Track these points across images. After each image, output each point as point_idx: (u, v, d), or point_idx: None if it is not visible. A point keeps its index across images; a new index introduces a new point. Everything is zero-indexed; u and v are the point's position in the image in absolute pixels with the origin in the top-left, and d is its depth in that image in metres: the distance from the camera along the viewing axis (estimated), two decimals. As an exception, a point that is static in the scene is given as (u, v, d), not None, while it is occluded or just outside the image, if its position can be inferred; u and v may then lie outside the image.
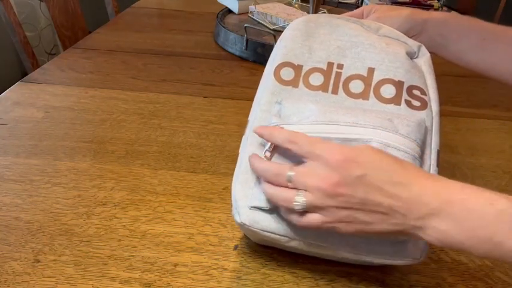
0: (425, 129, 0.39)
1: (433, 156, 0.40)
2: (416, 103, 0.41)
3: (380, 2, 1.23)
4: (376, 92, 0.41)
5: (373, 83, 0.42)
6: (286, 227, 0.38)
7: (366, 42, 0.43)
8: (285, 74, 0.43)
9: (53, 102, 0.71)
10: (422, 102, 0.41)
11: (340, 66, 0.43)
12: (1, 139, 0.61)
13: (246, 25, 0.92)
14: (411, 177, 0.32)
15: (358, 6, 1.27)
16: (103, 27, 1.10)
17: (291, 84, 0.42)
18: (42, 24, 1.78)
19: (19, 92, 0.74)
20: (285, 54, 0.44)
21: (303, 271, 0.43)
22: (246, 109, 0.74)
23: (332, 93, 0.42)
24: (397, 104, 0.41)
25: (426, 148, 0.40)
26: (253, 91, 0.46)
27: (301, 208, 0.34)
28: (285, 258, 0.44)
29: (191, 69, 0.88)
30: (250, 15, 1.12)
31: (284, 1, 1.20)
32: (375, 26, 0.46)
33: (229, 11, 1.17)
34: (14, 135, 0.62)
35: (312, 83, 0.42)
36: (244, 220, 0.38)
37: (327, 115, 0.38)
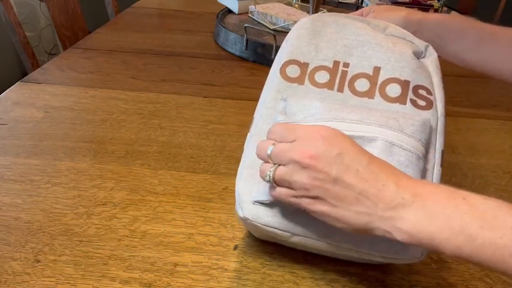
0: (430, 129, 0.39)
1: (437, 156, 0.40)
2: (421, 103, 0.41)
3: (380, 2, 1.23)
4: (381, 91, 0.41)
5: (379, 81, 0.42)
6: (288, 223, 0.38)
7: (372, 41, 0.43)
8: (290, 71, 0.43)
9: (53, 102, 0.71)
10: (428, 102, 0.41)
11: (346, 65, 0.43)
12: (1, 139, 0.61)
13: (246, 25, 0.92)
14: (386, 169, 0.33)
15: (358, 6, 1.27)
16: (103, 27, 1.10)
17: (296, 81, 0.42)
18: (42, 24, 1.78)
19: (19, 92, 0.74)
20: (291, 52, 0.44)
21: (303, 271, 0.43)
22: (246, 109, 0.74)
23: (338, 91, 0.42)
24: (403, 103, 0.41)
25: (430, 148, 0.40)
26: (253, 91, 0.46)
27: (268, 179, 0.35)
28: (285, 258, 0.44)
29: (191, 69, 0.88)
30: (250, 15, 1.12)
31: (284, 1, 1.20)
32: (382, 25, 0.46)
33: (229, 11, 1.17)
34: (14, 135, 0.62)
35: (318, 80, 0.42)
36: (247, 215, 0.38)
37: (332, 112, 0.38)
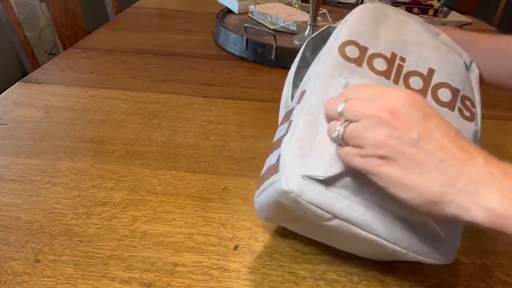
0: (478, 142, 0.40)
1: None
2: (467, 113, 0.41)
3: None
4: (433, 93, 0.41)
5: (432, 83, 0.41)
6: (334, 204, 0.36)
7: (429, 44, 0.43)
8: (349, 51, 0.41)
9: (53, 102, 0.71)
10: (472, 114, 0.41)
11: (402, 60, 0.42)
12: (1, 139, 0.61)
13: (246, 25, 0.92)
14: (473, 145, 0.30)
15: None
16: (103, 27, 1.10)
17: (355, 62, 0.41)
18: (42, 24, 1.78)
19: (19, 92, 0.74)
20: (350, 34, 0.42)
21: (303, 271, 0.43)
22: (246, 109, 0.74)
23: (393, 82, 0.41)
24: (451, 110, 0.40)
25: None
26: (253, 91, 0.46)
27: (337, 135, 0.32)
28: (285, 258, 0.44)
29: (191, 69, 0.88)
30: (250, 15, 1.12)
31: (284, 1, 1.20)
32: (435, 31, 0.46)
33: (229, 11, 1.17)
34: (14, 135, 0.62)
35: (376, 67, 0.41)
36: (293, 188, 0.35)
37: None
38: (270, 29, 1.04)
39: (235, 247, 0.45)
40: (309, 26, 0.96)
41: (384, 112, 0.30)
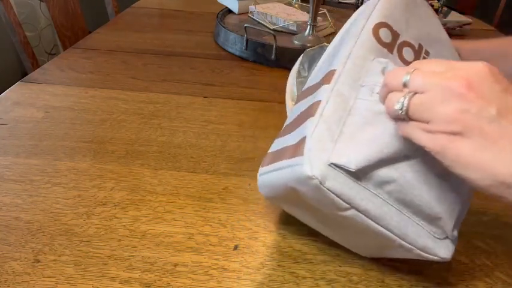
0: None
1: None
2: None
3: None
4: None
5: None
6: (355, 195, 0.34)
7: (447, 44, 0.43)
8: (383, 34, 0.39)
9: (53, 102, 0.71)
10: None
11: (427, 53, 0.41)
12: (1, 139, 0.61)
13: (246, 25, 0.92)
14: None
15: (358, 6, 1.27)
16: (103, 27, 1.10)
17: (387, 47, 0.39)
18: (42, 24, 1.78)
19: (19, 92, 0.74)
20: (385, 15, 0.40)
21: (303, 271, 0.43)
22: (246, 109, 0.74)
23: None
24: None
25: None
26: (253, 91, 0.46)
27: (400, 107, 0.29)
28: (285, 258, 0.44)
29: (191, 69, 0.88)
30: (250, 15, 1.12)
31: (284, 1, 1.20)
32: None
33: (229, 11, 1.17)
34: (14, 135, 0.62)
35: (405, 56, 0.40)
36: (317, 175, 0.33)
37: None
38: (270, 29, 1.04)
39: (235, 247, 0.45)
40: (309, 26, 0.96)
41: (460, 83, 0.26)
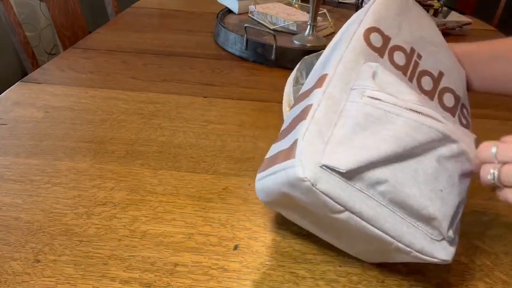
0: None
1: None
2: (464, 121, 0.42)
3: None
4: (440, 96, 0.41)
5: (440, 86, 0.41)
6: (348, 197, 0.34)
7: (443, 46, 0.43)
8: (374, 39, 0.40)
9: (53, 102, 0.71)
10: (468, 122, 0.42)
11: (419, 57, 0.41)
12: (1, 139, 0.61)
13: (246, 25, 0.92)
14: None
15: (358, 6, 1.27)
16: (103, 27, 1.10)
17: (377, 51, 0.40)
18: (42, 24, 1.78)
19: (19, 92, 0.74)
20: (376, 20, 0.41)
21: (303, 271, 0.43)
22: (246, 109, 0.74)
23: (409, 79, 0.40)
24: (453, 116, 0.41)
25: None
26: (253, 91, 0.46)
27: (491, 178, 0.33)
28: (285, 258, 0.44)
29: (191, 69, 0.88)
30: (250, 15, 1.12)
31: (284, 1, 1.20)
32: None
33: (229, 11, 1.17)
34: (14, 135, 0.62)
35: (396, 60, 0.40)
36: (309, 177, 0.33)
37: (426, 108, 0.36)
38: (270, 29, 1.04)
39: (235, 247, 0.45)
40: (309, 26, 0.96)
41: None
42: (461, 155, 0.36)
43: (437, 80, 0.41)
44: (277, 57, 0.90)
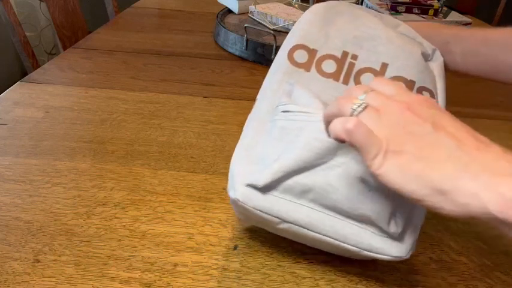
0: None
1: None
2: None
3: (380, 2, 1.23)
4: None
5: (386, 78, 0.42)
6: (279, 209, 0.37)
7: (383, 37, 0.43)
8: (298, 56, 0.42)
9: (53, 102, 0.71)
10: None
11: (354, 57, 0.42)
12: (1, 139, 0.61)
13: (246, 25, 0.92)
14: (485, 138, 0.29)
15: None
16: (103, 27, 1.10)
17: (303, 67, 0.42)
18: (42, 24, 1.78)
19: (19, 92, 0.74)
20: (301, 37, 0.43)
21: (303, 271, 0.43)
22: (246, 109, 0.74)
23: (343, 83, 0.42)
24: None
25: None
26: (254, 91, 0.46)
27: (358, 105, 0.30)
28: (285, 258, 0.44)
29: (191, 69, 0.88)
30: (250, 15, 1.12)
31: (284, 1, 1.20)
32: (393, 23, 0.46)
33: (229, 11, 1.17)
34: (14, 135, 0.62)
35: (325, 69, 0.42)
36: (239, 196, 0.37)
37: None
38: (270, 29, 1.04)
39: (235, 247, 0.45)
40: (309, 26, 0.96)
41: (402, 105, 0.30)
42: None
43: (380, 73, 0.42)
44: (277, 57, 0.90)
